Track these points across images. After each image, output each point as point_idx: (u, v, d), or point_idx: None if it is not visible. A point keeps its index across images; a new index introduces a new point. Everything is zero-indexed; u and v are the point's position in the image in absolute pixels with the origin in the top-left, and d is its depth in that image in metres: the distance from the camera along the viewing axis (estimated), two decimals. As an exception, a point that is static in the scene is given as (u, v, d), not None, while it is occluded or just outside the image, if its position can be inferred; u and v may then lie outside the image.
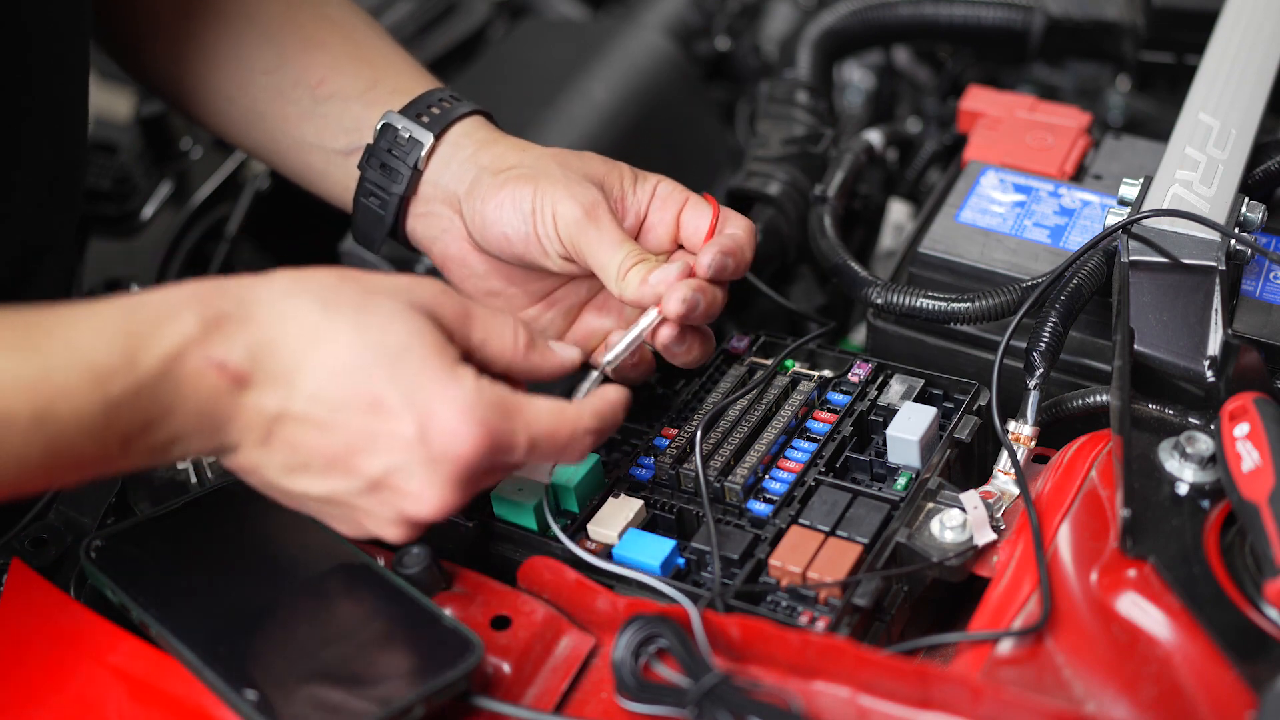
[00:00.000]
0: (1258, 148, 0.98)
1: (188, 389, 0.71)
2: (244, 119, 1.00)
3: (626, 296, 0.86)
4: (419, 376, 0.73)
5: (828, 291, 1.19)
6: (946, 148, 1.29)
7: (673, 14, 1.45)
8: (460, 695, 0.76)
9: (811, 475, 0.87)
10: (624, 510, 0.86)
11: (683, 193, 0.91)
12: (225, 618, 0.79)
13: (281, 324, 0.73)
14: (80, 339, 0.70)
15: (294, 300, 0.74)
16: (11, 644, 0.81)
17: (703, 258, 0.86)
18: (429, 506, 0.75)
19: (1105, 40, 1.23)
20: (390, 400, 0.73)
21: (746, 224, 0.90)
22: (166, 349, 0.70)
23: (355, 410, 0.73)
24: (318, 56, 0.97)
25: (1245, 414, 0.79)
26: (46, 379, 0.69)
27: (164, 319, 0.71)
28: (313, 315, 0.73)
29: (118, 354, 0.70)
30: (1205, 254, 0.88)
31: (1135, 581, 0.77)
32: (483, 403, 0.74)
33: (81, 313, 0.71)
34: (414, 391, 0.73)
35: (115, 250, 1.25)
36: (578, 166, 0.90)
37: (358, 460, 0.74)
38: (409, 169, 0.93)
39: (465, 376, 0.74)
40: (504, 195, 0.88)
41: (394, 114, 0.93)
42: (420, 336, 0.74)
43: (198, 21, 0.99)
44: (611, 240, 0.87)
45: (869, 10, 1.24)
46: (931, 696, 0.73)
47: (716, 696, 0.72)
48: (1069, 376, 0.95)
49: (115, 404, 0.69)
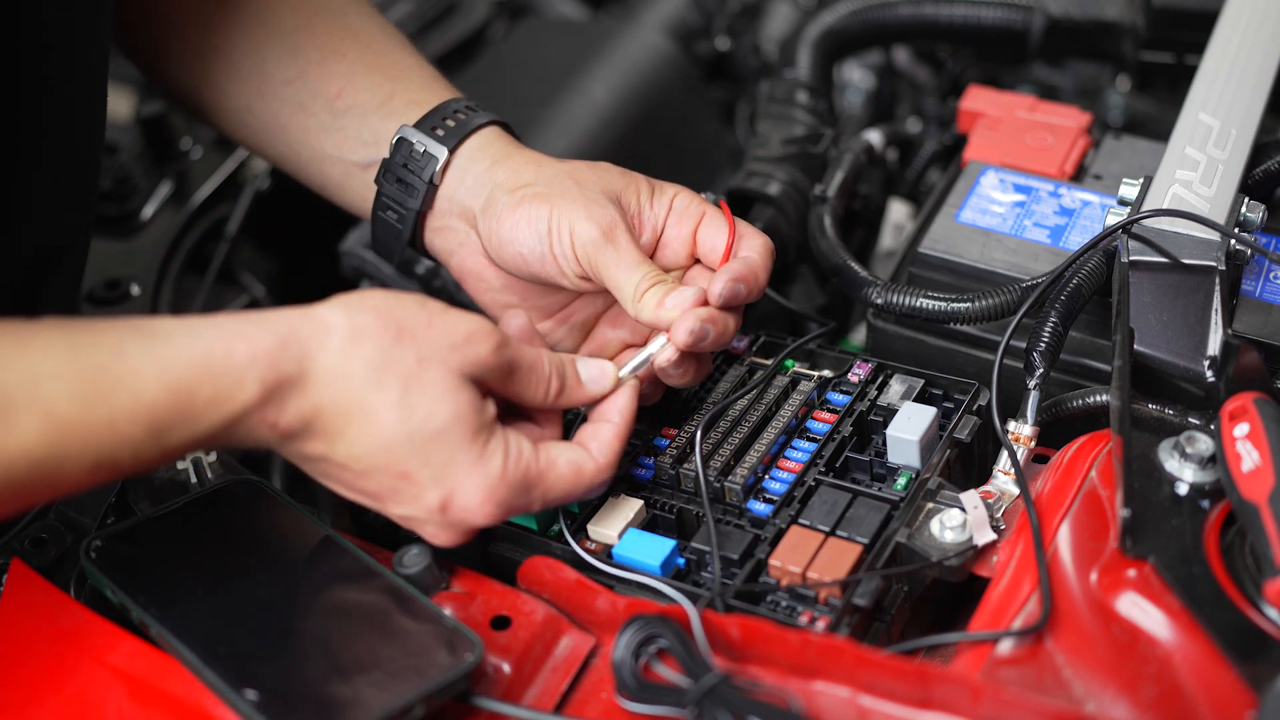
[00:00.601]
0: (1258, 148, 0.98)
1: (240, 435, 0.76)
2: (265, 130, 1.00)
3: (643, 318, 0.87)
4: (451, 460, 0.77)
5: (828, 291, 1.19)
6: (946, 148, 1.29)
7: (673, 14, 1.45)
8: (460, 695, 0.76)
9: (811, 475, 0.87)
10: (624, 510, 0.86)
11: (699, 206, 0.91)
12: (225, 618, 0.79)
13: (332, 389, 0.76)
14: (146, 393, 0.72)
15: (348, 364, 0.76)
16: (11, 644, 0.81)
17: (715, 285, 0.86)
18: (439, 544, 0.81)
19: (1105, 40, 1.23)
20: (420, 476, 0.77)
21: (763, 244, 0.89)
22: (227, 414, 0.74)
23: (386, 475, 0.78)
24: (335, 67, 0.97)
25: (1245, 414, 0.79)
26: (111, 429, 0.72)
27: (231, 387, 0.74)
28: (363, 386, 0.76)
29: (178, 413, 0.73)
30: (1205, 254, 0.88)
31: (1135, 581, 0.77)
32: (505, 484, 0.78)
33: (149, 364, 0.73)
34: (443, 471, 0.77)
35: (115, 250, 1.25)
36: (594, 182, 0.89)
37: (383, 504, 0.80)
38: (424, 184, 0.93)
39: (493, 458, 0.78)
40: (519, 215, 0.88)
41: (408, 128, 0.93)
42: (460, 420, 0.77)
43: (217, 32, 0.99)
44: (629, 261, 0.87)
45: (869, 10, 1.24)
46: (931, 696, 0.73)
47: (716, 697, 0.72)
48: (1069, 376, 0.95)
49: (172, 451, 0.74)
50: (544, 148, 1.22)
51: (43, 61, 0.87)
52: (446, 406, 0.76)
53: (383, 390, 0.76)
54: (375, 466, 0.77)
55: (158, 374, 0.73)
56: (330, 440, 0.76)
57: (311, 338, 0.75)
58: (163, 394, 0.72)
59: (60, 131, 0.91)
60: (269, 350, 0.74)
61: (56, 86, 0.89)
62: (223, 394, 0.73)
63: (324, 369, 0.75)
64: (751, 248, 0.89)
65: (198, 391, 0.73)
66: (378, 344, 0.76)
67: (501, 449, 0.78)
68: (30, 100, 0.87)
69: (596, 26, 1.49)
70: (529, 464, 0.79)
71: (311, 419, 0.76)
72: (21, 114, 0.87)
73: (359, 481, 0.78)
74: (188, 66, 1.01)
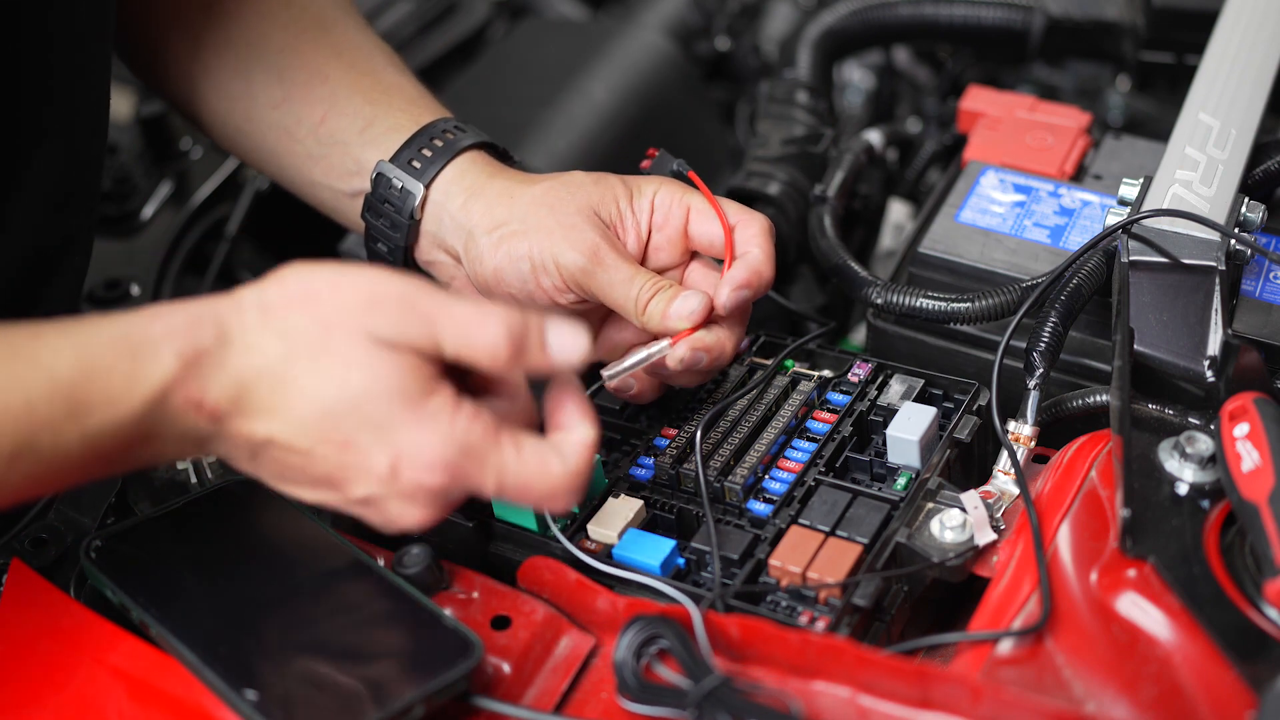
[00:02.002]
0: (1258, 148, 0.98)
1: (168, 421, 0.72)
2: (256, 152, 1.01)
3: (651, 329, 0.87)
4: (389, 419, 0.73)
5: (828, 291, 1.19)
6: (946, 148, 1.29)
7: (673, 14, 1.45)
8: (460, 695, 0.76)
9: (811, 475, 0.87)
10: (624, 510, 0.86)
11: (683, 202, 0.90)
12: (225, 618, 0.79)
13: (251, 358, 0.73)
14: (62, 371, 0.71)
15: (263, 335, 0.73)
16: (11, 644, 0.81)
17: (720, 296, 0.86)
18: (411, 524, 0.76)
19: (1105, 40, 1.23)
20: (361, 441, 0.73)
21: (761, 229, 0.88)
22: (146, 391, 0.71)
23: (332, 447, 0.73)
24: (319, 90, 0.97)
25: (1245, 414, 0.79)
26: (28, 411, 0.70)
27: (144, 356, 0.71)
28: (277, 360, 0.73)
29: (97, 390, 0.71)
30: (1205, 254, 0.88)
31: (1135, 581, 0.77)
32: (454, 444, 0.73)
33: (65, 340, 0.72)
34: (384, 432, 0.73)
35: (115, 250, 1.25)
36: (568, 203, 0.88)
37: (342, 486, 0.75)
38: (406, 220, 0.93)
39: (439, 415, 0.73)
40: (500, 257, 0.88)
41: (385, 163, 0.93)
42: (377, 379, 0.73)
43: (208, 51, 0.99)
44: (621, 278, 0.86)
45: (869, 10, 1.24)
46: (931, 696, 0.73)
47: (717, 699, 0.72)
48: (1069, 376, 0.95)
49: (94, 436, 0.71)
50: (544, 148, 1.23)
51: (46, 61, 0.87)
52: (357, 371, 0.73)
53: (293, 364, 0.73)
54: (319, 438, 0.73)
55: (73, 353, 0.71)
56: (268, 416, 0.73)
57: (229, 313, 0.73)
58: (78, 373, 0.71)
59: (64, 130, 0.91)
60: (185, 324, 0.72)
61: (60, 85, 0.89)
62: (140, 370, 0.71)
63: (240, 341, 0.73)
64: (750, 239, 0.88)
65: (114, 367, 0.71)
66: (284, 319, 0.74)
67: (449, 408, 0.73)
68: (33, 99, 0.87)
69: (596, 26, 1.49)
70: (484, 430, 0.74)
71: (238, 395, 0.72)
72: (24, 113, 0.87)
73: (310, 466, 0.74)
74: (181, 84, 1.01)
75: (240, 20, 0.98)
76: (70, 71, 0.89)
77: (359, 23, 1.02)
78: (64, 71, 0.89)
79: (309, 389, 0.73)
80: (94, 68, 0.92)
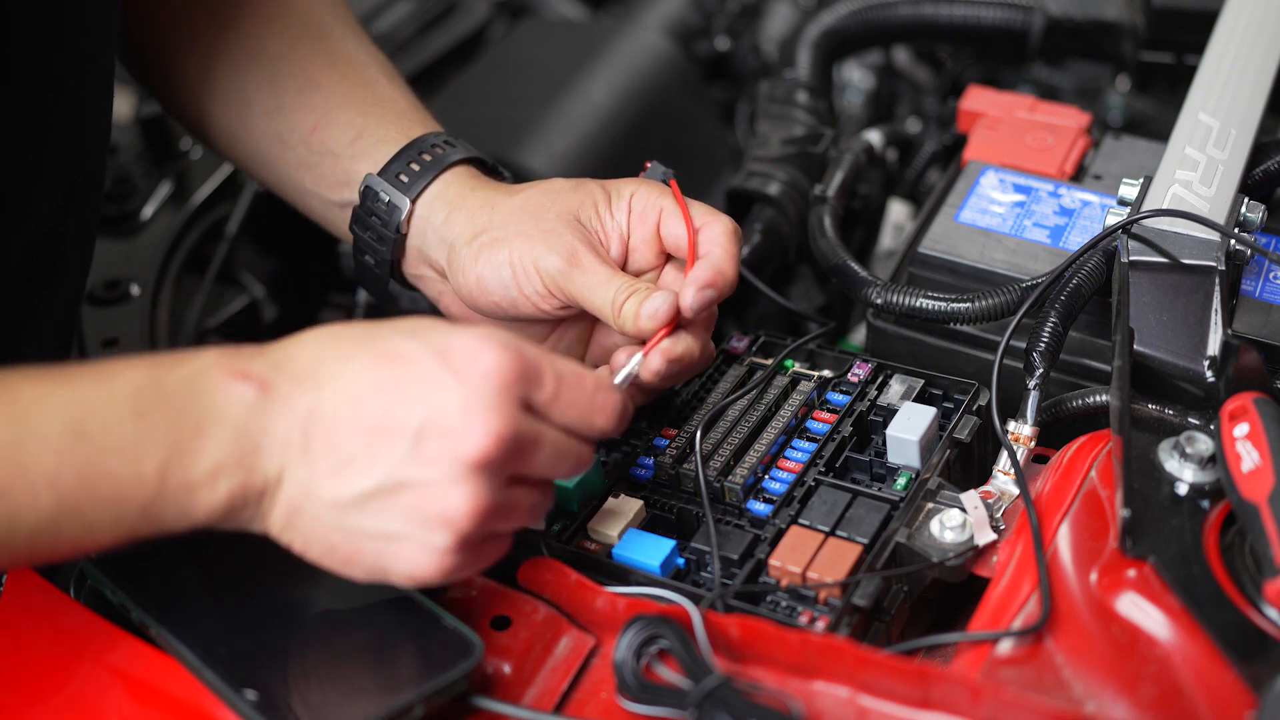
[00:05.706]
0: (1258, 148, 0.98)
1: (218, 401, 0.72)
2: (250, 158, 1.01)
3: (628, 331, 0.87)
4: (432, 329, 0.74)
5: (828, 291, 1.19)
6: (946, 148, 1.29)
7: (673, 14, 1.45)
8: (460, 695, 0.76)
9: (811, 475, 0.87)
10: (624, 510, 0.86)
11: (657, 201, 0.90)
12: (225, 618, 0.79)
13: (295, 348, 0.75)
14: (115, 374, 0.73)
15: (303, 338, 0.76)
16: (11, 644, 0.81)
17: (684, 298, 0.86)
18: (479, 438, 0.71)
19: (1105, 40, 1.23)
20: (408, 350, 0.73)
21: (724, 230, 0.88)
22: (189, 370, 0.73)
23: (379, 368, 0.73)
24: (312, 98, 0.97)
25: (1245, 414, 0.79)
26: (78, 399, 0.72)
27: (183, 359, 0.74)
28: (323, 340, 0.76)
29: (143, 374, 0.73)
30: (1205, 254, 0.88)
31: (1135, 581, 0.77)
32: (499, 333, 0.74)
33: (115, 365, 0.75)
34: (430, 337, 0.74)
35: (115, 250, 1.25)
36: (548, 209, 0.89)
37: (395, 417, 0.72)
38: (392, 235, 0.93)
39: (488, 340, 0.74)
40: (481, 266, 0.88)
41: (373, 176, 0.93)
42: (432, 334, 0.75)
43: (207, 56, 0.99)
44: (599, 280, 0.87)
45: (869, 10, 1.24)
46: (931, 696, 0.73)
47: (717, 699, 0.72)
48: (1069, 376, 0.95)
49: (144, 411, 0.72)
50: (544, 148, 1.23)
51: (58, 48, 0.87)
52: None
53: (341, 337, 0.75)
54: (364, 367, 0.73)
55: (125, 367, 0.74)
56: (314, 379, 0.73)
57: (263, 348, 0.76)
58: (129, 368, 0.74)
59: (72, 122, 0.91)
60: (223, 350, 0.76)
61: (70, 75, 0.89)
62: (178, 364, 0.74)
63: (280, 344, 0.76)
64: (713, 240, 0.88)
65: (155, 362, 0.74)
66: (332, 330, 0.77)
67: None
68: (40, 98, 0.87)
69: (596, 26, 1.49)
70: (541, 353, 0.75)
71: (282, 363, 0.74)
72: (31, 113, 0.87)
73: (361, 412, 0.72)
74: (180, 89, 1.01)
75: (239, 27, 0.98)
76: (80, 61, 0.89)
77: (355, 31, 1.02)
78: (73, 60, 0.89)
79: (354, 347, 0.75)
80: (101, 59, 0.92)
